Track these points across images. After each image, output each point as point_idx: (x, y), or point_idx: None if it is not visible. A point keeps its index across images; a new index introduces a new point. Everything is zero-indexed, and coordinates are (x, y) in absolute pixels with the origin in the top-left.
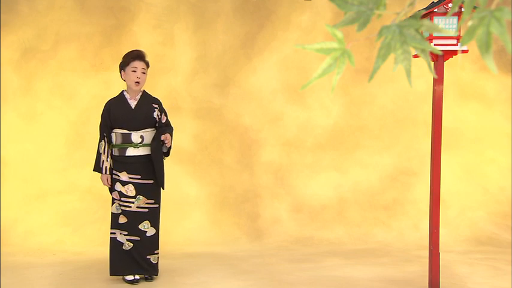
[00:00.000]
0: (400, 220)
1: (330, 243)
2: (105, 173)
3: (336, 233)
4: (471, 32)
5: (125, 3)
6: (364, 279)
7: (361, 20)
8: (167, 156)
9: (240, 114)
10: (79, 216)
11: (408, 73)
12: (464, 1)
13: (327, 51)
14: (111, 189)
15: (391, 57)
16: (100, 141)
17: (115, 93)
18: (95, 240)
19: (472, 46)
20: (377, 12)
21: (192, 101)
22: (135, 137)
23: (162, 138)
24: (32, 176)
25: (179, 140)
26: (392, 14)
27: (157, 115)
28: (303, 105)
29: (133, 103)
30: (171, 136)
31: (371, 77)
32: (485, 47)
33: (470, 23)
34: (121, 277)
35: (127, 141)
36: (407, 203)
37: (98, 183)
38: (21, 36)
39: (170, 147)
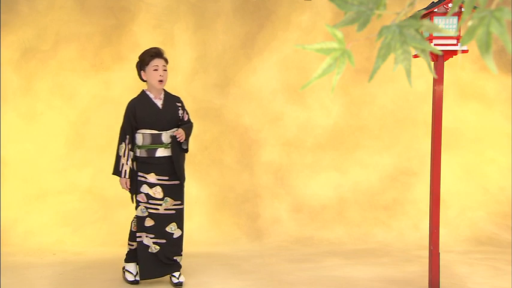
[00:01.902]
0: (400, 220)
1: (330, 243)
2: (124, 176)
3: (336, 233)
4: (471, 32)
5: (124, 3)
6: (364, 279)
7: (361, 20)
8: (186, 152)
9: (240, 114)
10: (79, 216)
11: (408, 73)
12: (464, 1)
13: (327, 51)
14: (132, 192)
15: (391, 57)
16: (120, 143)
17: (115, 93)
18: (95, 240)
19: (472, 46)
20: (377, 12)
21: (192, 101)
22: (166, 137)
23: (174, 134)
24: (32, 176)
25: None
26: (392, 14)
27: (181, 113)
28: (303, 105)
29: (159, 102)
30: (190, 131)
31: (371, 77)
32: (485, 47)
33: (470, 23)
34: (121, 277)
35: (157, 141)
36: (407, 203)
37: (98, 183)
38: (21, 36)
39: (187, 143)
